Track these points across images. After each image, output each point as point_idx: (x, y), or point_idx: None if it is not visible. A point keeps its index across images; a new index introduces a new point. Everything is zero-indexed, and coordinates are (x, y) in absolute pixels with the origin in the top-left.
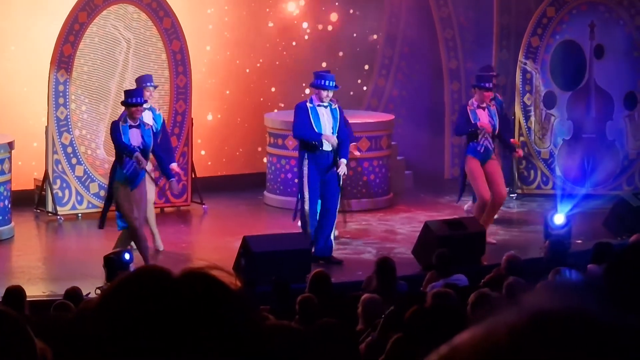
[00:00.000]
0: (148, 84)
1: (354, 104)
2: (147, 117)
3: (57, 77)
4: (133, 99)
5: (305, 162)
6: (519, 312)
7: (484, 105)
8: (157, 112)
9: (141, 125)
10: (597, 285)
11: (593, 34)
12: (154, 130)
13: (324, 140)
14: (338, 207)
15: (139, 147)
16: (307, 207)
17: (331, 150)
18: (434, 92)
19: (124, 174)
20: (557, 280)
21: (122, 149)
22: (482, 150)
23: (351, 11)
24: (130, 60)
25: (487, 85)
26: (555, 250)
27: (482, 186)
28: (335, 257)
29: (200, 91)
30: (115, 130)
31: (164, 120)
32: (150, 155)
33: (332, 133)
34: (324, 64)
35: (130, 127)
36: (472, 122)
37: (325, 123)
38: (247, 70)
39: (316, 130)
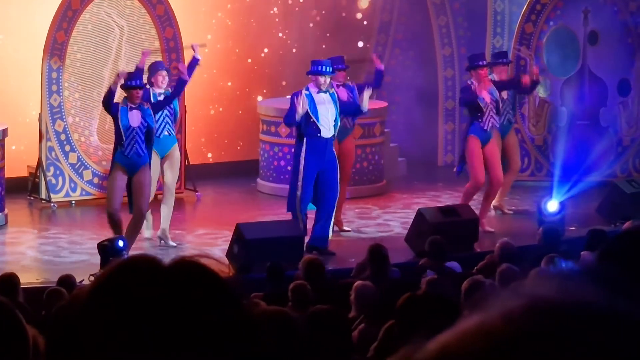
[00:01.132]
0: (161, 68)
1: None
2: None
3: (51, 65)
4: (132, 82)
5: (304, 148)
6: (515, 300)
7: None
8: None
9: (141, 106)
10: (593, 273)
11: (587, 20)
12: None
13: (321, 127)
14: (337, 198)
15: (139, 127)
16: (299, 193)
17: (331, 136)
18: (427, 79)
19: (125, 157)
20: (553, 269)
21: (106, 100)
22: (487, 129)
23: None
24: (123, 48)
25: (480, 63)
26: (549, 237)
27: (479, 168)
28: (329, 249)
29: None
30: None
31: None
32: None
33: (335, 120)
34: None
35: (131, 108)
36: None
37: (327, 109)
38: (249, 60)
39: (313, 117)
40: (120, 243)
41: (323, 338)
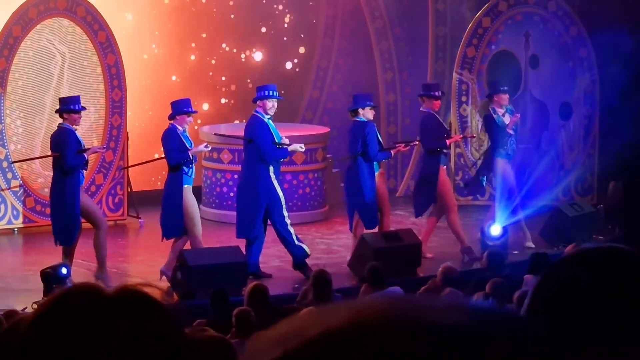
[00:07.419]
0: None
1: (289, 117)
2: None
3: None
4: (72, 106)
5: (272, 173)
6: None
7: (435, 111)
8: None
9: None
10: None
11: (528, 44)
12: None
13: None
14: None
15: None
16: (285, 213)
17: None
18: None
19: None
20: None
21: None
22: (448, 154)
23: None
24: (65, 74)
25: (436, 94)
26: (494, 261)
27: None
28: (263, 272)
29: (138, 102)
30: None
31: None
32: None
33: None
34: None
35: (76, 130)
36: (445, 127)
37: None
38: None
39: (277, 140)
40: (64, 270)
41: None
